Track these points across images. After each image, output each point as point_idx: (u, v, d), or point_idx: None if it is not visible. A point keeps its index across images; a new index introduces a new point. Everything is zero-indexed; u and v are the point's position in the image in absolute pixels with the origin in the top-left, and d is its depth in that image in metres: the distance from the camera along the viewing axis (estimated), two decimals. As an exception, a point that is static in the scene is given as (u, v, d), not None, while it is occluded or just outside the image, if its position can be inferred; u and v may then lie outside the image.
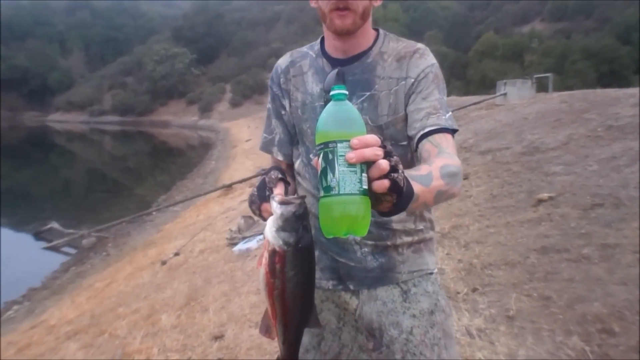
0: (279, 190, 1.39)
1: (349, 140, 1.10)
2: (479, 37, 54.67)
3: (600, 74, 37.19)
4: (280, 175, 1.43)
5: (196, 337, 4.56)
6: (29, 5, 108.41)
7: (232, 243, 7.60)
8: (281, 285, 1.29)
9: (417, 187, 1.27)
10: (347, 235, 1.14)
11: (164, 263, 8.05)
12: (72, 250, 12.87)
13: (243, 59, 77.56)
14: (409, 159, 1.68)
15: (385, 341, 1.69)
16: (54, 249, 12.96)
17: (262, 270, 1.30)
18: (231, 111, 63.35)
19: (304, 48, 1.83)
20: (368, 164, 1.10)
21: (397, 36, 1.75)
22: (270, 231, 1.27)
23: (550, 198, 6.15)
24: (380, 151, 1.11)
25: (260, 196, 1.42)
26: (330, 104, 1.18)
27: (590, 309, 3.61)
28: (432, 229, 1.81)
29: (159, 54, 78.52)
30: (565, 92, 17.27)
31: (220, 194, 14.28)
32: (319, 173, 1.13)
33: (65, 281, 10.45)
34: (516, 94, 17.20)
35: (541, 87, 21.65)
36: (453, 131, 1.61)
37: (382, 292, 1.71)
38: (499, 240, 5.30)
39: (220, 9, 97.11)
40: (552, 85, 22.98)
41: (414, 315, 1.69)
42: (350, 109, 1.17)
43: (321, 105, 1.65)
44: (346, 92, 1.19)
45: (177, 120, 69.08)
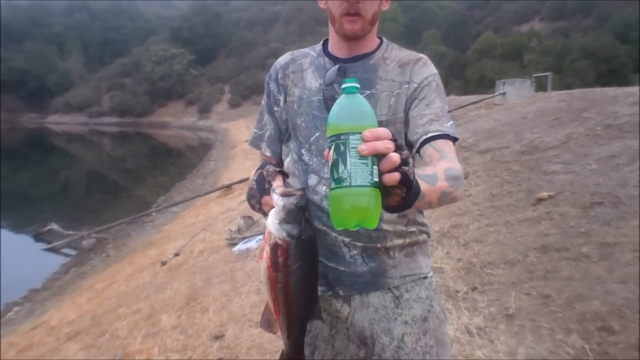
0: (279, 183, 1.38)
1: (361, 133, 1.11)
2: (477, 37, 54.68)
3: (599, 72, 37.19)
4: (278, 168, 1.43)
5: (197, 337, 4.56)
6: (27, 6, 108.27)
7: (232, 243, 7.61)
8: (284, 278, 1.28)
9: (424, 186, 1.28)
10: (356, 228, 1.13)
11: (164, 263, 8.06)
12: (72, 252, 12.87)
13: (241, 59, 77.59)
14: None
15: (377, 349, 1.66)
16: (53, 250, 12.95)
17: (264, 265, 1.29)
18: (230, 112, 63.39)
19: (306, 49, 1.84)
20: (379, 157, 1.11)
21: (400, 46, 1.77)
22: (272, 224, 1.27)
23: (550, 197, 6.16)
24: (391, 144, 1.12)
25: (260, 189, 1.39)
26: (342, 97, 1.19)
27: (589, 307, 3.62)
28: (426, 232, 1.78)
29: (157, 55, 78.52)
30: (564, 91, 17.28)
31: (220, 194, 14.29)
32: (330, 165, 1.13)
33: (65, 282, 10.45)
34: (515, 93, 17.20)
35: (540, 86, 21.67)
36: (454, 139, 1.61)
37: (375, 299, 1.68)
38: (499, 239, 5.31)
39: (219, 9, 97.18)
40: (551, 84, 23.00)
41: (405, 322, 1.66)
42: (362, 102, 1.17)
43: (319, 100, 1.68)
44: (358, 85, 1.19)
45: (176, 121, 69.10)
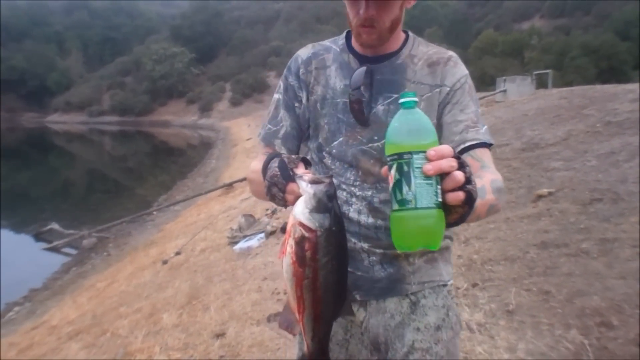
0: (303, 170, 1.28)
1: (425, 151, 1.06)
2: (478, 34, 54.59)
3: (599, 69, 37.12)
4: (300, 155, 1.35)
5: (198, 336, 4.57)
6: (26, 5, 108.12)
7: (233, 242, 7.62)
8: (312, 274, 1.19)
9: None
10: (419, 249, 1.11)
11: (165, 262, 8.07)
12: (73, 251, 12.90)
13: (242, 57, 77.45)
14: None
15: (390, 356, 1.60)
16: (54, 249, 12.99)
17: (288, 260, 1.20)
18: (231, 110, 63.28)
19: (327, 42, 1.75)
20: (442, 175, 1.07)
21: (426, 41, 1.69)
22: (302, 213, 1.18)
23: (550, 193, 6.17)
24: (455, 162, 1.08)
25: (284, 176, 1.25)
26: (401, 112, 1.13)
27: (589, 302, 3.63)
28: (450, 236, 1.72)
29: (158, 54, 78.35)
30: (564, 88, 17.28)
31: (221, 192, 14.30)
32: (392, 185, 1.09)
33: (66, 282, 10.48)
34: (516, 91, 17.21)
35: (541, 84, 21.67)
36: (490, 145, 1.56)
37: (391, 304, 1.62)
38: (499, 235, 5.32)
39: (219, 7, 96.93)
40: (552, 81, 23.01)
41: (417, 329, 1.59)
42: (423, 118, 1.12)
43: (344, 102, 1.60)
44: (416, 100, 1.14)
45: (177, 120, 69.02)
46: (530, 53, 46.32)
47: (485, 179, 1.39)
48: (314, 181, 1.20)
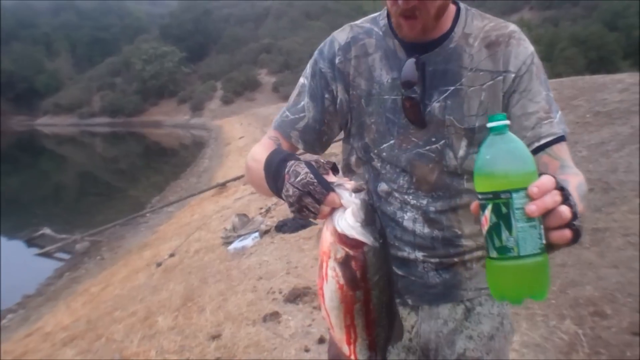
0: (334, 179, 1.10)
1: (526, 188, 0.92)
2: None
3: (588, 60, 37.29)
4: (330, 161, 1.15)
5: (194, 338, 4.57)
6: (12, 6, 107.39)
7: (228, 242, 7.61)
8: (364, 295, 1.04)
9: None
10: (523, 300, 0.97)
11: (159, 264, 8.05)
12: (66, 256, 12.81)
13: (233, 55, 77.27)
14: None
15: None
16: (47, 255, 12.88)
17: (332, 286, 1.03)
18: (223, 109, 63.13)
19: (365, 22, 1.52)
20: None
21: (481, 12, 1.48)
22: (353, 228, 1.02)
23: (541, 185, 6.18)
24: (559, 196, 0.94)
25: (324, 185, 1.05)
26: (492, 140, 0.99)
27: (582, 292, 3.65)
28: None
29: (148, 53, 78.07)
30: (553, 80, 17.28)
31: (215, 192, 14.26)
32: (487, 229, 0.96)
33: (59, 287, 10.43)
34: (505, 82, 17.23)
35: (530, 75, 21.72)
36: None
37: (445, 310, 1.50)
38: (492, 229, 5.33)
39: (208, 5, 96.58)
40: (541, 72, 23.06)
41: (470, 337, 1.50)
42: (519, 146, 0.97)
43: (393, 100, 1.42)
44: (508, 123, 0.99)
45: (169, 120, 68.81)
46: (519, 44, 46.40)
47: (571, 185, 1.16)
48: (356, 190, 1.05)
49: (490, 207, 0.94)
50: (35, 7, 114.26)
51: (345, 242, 1.02)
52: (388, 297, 1.08)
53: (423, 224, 1.45)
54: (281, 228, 7.38)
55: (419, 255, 1.46)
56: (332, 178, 1.09)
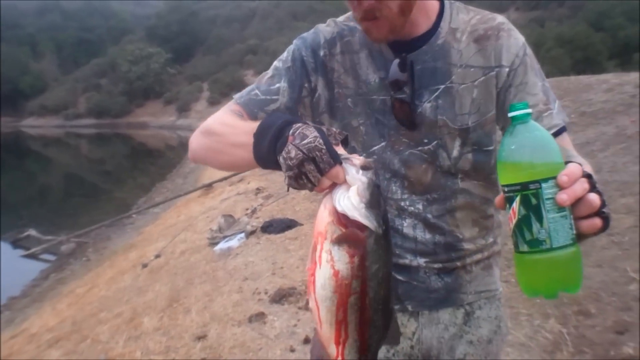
0: (343, 152, 0.99)
1: (555, 177, 0.88)
2: (453, 28, 55.03)
3: (574, 60, 37.54)
4: (343, 132, 1.02)
5: (179, 339, 4.55)
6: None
7: (213, 243, 7.59)
8: (360, 286, 0.93)
9: None
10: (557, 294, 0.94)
11: (145, 266, 8.01)
12: (52, 257, 12.75)
13: (219, 56, 77.08)
14: (492, 164, 1.40)
15: None
16: (32, 256, 12.82)
17: (326, 272, 0.92)
18: (210, 110, 62.71)
19: (349, 20, 1.44)
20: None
21: (465, 4, 1.43)
22: (356, 209, 0.91)
23: (526, 185, 6.21)
24: (587, 183, 0.91)
25: (333, 154, 0.94)
26: (515, 128, 0.94)
27: (566, 292, 3.67)
28: (500, 234, 1.55)
29: (134, 54, 77.73)
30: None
31: (201, 193, 14.22)
32: (516, 222, 0.92)
33: (45, 288, 10.36)
34: (491, 83, 17.32)
35: (516, 76, 21.84)
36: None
37: (445, 315, 1.47)
38: (477, 228, 5.35)
39: (194, 6, 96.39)
40: (527, 73, 23.21)
41: (470, 342, 1.48)
42: (544, 134, 0.93)
43: (382, 100, 1.36)
44: (530, 111, 0.95)
45: (155, 121, 68.57)
46: (505, 45, 46.76)
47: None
48: (365, 167, 0.95)
49: (518, 199, 0.90)
50: (19, 8, 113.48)
51: (345, 224, 0.92)
52: (386, 293, 0.97)
53: (424, 230, 1.41)
54: (267, 229, 7.38)
55: (421, 261, 1.42)
56: (341, 150, 0.98)
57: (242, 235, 7.43)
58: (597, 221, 0.92)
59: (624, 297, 3.49)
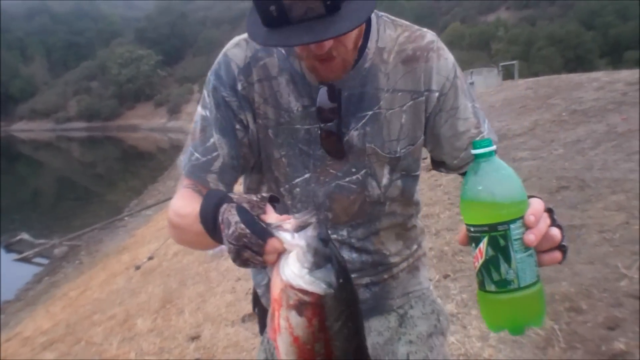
0: (274, 216, 0.93)
1: (522, 217, 0.87)
2: (445, 28, 55.20)
3: (565, 59, 37.76)
4: (265, 194, 0.97)
5: (173, 339, 4.55)
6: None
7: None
8: (324, 347, 0.86)
9: None
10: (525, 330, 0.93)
11: (138, 268, 8.00)
12: (45, 261, 12.75)
13: (209, 58, 76.71)
14: (416, 189, 1.41)
15: None
16: (25, 260, 12.81)
17: (286, 339, 0.86)
18: (200, 112, 62.87)
19: None
20: None
21: (392, 17, 1.32)
22: (301, 277, 0.85)
23: (518, 183, 6.25)
24: (548, 218, 0.92)
25: (258, 232, 0.89)
26: (479, 166, 0.91)
27: (558, 288, 3.68)
28: (424, 239, 1.54)
29: (123, 57, 77.66)
30: (530, 79, 17.52)
31: (192, 195, 14.20)
32: (483, 263, 0.89)
33: (38, 292, 10.34)
34: (483, 83, 17.41)
35: (507, 75, 21.96)
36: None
37: (375, 322, 1.43)
38: (469, 227, 5.37)
39: (184, 8, 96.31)
40: (519, 72, 23.33)
41: (410, 342, 1.44)
42: (509, 173, 0.90)
43: (306, 130, 1.26)
44: (495, 148, 0.92)
45: (146, 124, 68.48)
46: (497, 45, 46.91)
47: None
48: (300, 227, 0.88)
49: (486, 240, 0.88)
50: (8, 12, 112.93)
51: (301, 290, 0.85)
52: (357, 344, 0.91)
53: (350, 251, 1.35)
54: (260, 230, 7.38)
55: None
56: (272, 215, 0.93)
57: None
58: (558, 255, 0.93)
59: (615, 294, 3.50)
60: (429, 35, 1.30)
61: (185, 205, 1.18)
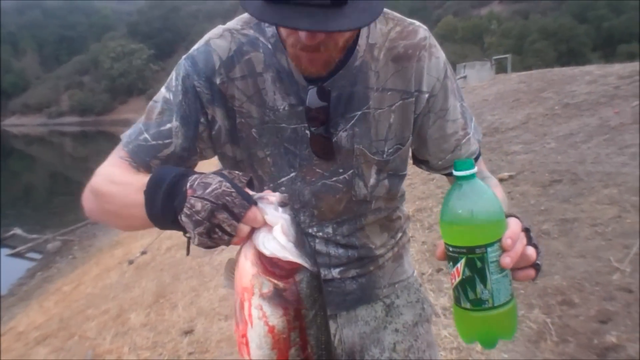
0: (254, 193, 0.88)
1: (499, 240, 0.89)
2: (438, 21, 55.21)
3: (558, 52, 37.82)
4: (246, 174, 0.91)
5: (166, 334, 4.55)
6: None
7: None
8: (300, 336, 0.83)
9: None
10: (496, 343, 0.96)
11: (131, 262, 7.99)
12: (38, 256, 12.68)
13: (202, 52, 76.79)
14: (402, 193, 1.43)
15: None
16: (18, 255, 12.76)
17: (260, 330, 0.81)
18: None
19: (248, 28, 1.22)
20: None
21: (384, 10, 1.23)
22: (288, 249, 0.82)
23: (510, 177, 6.27)
24: (525, 238, 0.94)
25: (245, 195, 0.84)
26: (460, 188, 0.92)
27: (550, 282, 3.70)
28: (407, 228, 1.53)
29: (116, 51, 77.50)
30: (523, 73, 17.52)
31: (186, 189, 14.18)
32: (459, 282, 0.91)
33: (32, 287, 10.30)
34: (476, 76, 17.43)
35: (500, 68, 21.96)
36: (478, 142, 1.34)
37: (362, 312, 1.43)
38: (462, 220, 5.39)
39: (176, 2, 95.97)
40: (511, 65, 23.32)
41: (396, 330, 1.45)
42: (489, 195, 0.92)
43: (293, 130, 1.21)
44: (476, 170, 0.92)
45: (139, 118, 68.33)
46: (490, 38, 46.96)
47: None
48: (282, 203, 0.86)
49: (463, 261, 0.90)
50: None
51: (273, 272, 0.81)
52: (327, 337, 0.88)
53: (336, 247, 1.34)
54: (253, 224, 7.38)
55: (335, 272, 1.36)
56: (251, 192, 0.87)
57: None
58: (532, 272, 0.95)
59: (607, 287, 3.52)
60: (422, 31, 1.25)
61: (124, 174, 1.13)
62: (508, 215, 0.95)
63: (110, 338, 4.83)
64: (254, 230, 0.84)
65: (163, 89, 1.24)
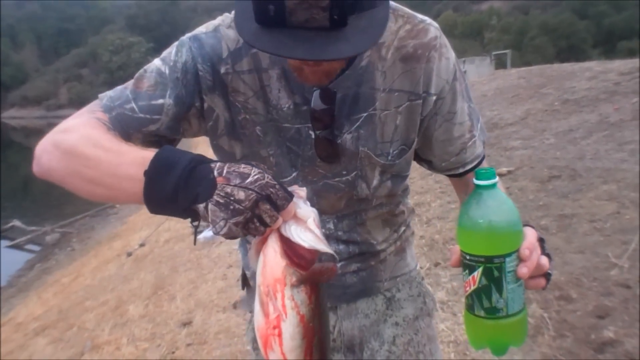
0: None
1: (517, 250, 0.90)
2: (438, 16, 55.08)
3: (558, 48, 37.78)
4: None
5: (165, 325, 4.56)
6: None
7: (198, 231, 7.58)
8: (319, 324, 0.85)
9: None
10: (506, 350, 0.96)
11: (129, 254, 8.00)
12: (36, 247, 12.72)
13: (201, 46, 76.74)
14: (405, 187, 1.40)
15: (365, 355, 1.43)
16: (17, 247, 12.81)
17: (294, 320, 0.82)
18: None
19: None
20: None
21: (394, 5, 1.19)
22: (322, 241, 0.83)
23: (509, 172, 6.27)
24: (539, 248, 0.94)
25: (286, 189, 0.84)
26: (481, 197, 0.91)
27: (548, 277, 3.71)
28: (412, 218, 1.50)
29: (114, 44, 77.38)
30: (523, 68, 17.51)
31: (185, 182, 14.17)
32: (475, 289, 0.91)
33: (31, 278, 10.32)
34: (475, 72, 17.42)
35: (500, 64, 21.93)
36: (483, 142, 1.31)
37: (363, 304, 1.41)
38: (460, 215, 5.40)
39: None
40: (511, 61, 23.30)
41: (396, 324, 1.44)
42: (509, 206, 0.91)
43: (297, 130, 1.18)
44: (497, 180, 0.92)
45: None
46: (489, 34, 46.92)
47: None
48: (308, 198, 0.89)
49: (481, 270, 0.89)
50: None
51: (299, 262, 0.82)
52: (329, 327, 0.92)
53: (337, 244, 1.32)
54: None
55: (338, 266, 1.32)
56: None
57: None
58: (542, 281, 0.96)
59: (605, 283, 3.52)
60: (432, 30, 1.18)
61: (111, 140, 1.00)
62: (523, 224, 0.95)
63: (108, 329, 4.84)
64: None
65: (158, 61, 1.18)
